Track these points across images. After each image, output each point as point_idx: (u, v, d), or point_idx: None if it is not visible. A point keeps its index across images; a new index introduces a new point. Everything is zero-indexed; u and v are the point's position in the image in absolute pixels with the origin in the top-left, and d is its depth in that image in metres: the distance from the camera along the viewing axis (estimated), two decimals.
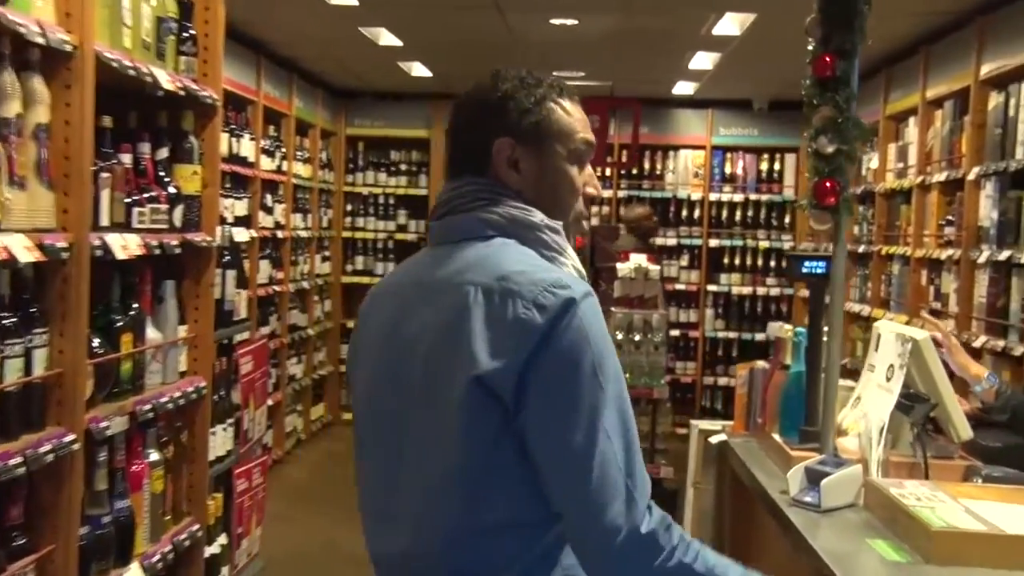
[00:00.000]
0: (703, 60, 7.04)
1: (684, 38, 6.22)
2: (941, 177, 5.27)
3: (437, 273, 1.48)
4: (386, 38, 6.35)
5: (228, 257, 3.16)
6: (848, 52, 2.48)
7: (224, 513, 3.18)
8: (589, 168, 1.61)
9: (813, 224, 2.55)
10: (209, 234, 2.92)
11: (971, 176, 4.84)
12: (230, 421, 3.19)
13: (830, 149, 2.44)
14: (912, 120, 5.92)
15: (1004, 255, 4.43)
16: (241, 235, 3.82)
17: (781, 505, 2.41)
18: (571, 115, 1.56)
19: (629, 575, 1.37)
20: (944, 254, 5.13)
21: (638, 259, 5.51)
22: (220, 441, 3.10)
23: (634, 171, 8.74)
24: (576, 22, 5.82)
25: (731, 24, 5.85)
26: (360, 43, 6.42)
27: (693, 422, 3.57)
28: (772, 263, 8.68)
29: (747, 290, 8.65)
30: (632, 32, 6.10)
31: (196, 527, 2.94)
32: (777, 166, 8.75)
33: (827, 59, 2.47)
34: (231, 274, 3.14)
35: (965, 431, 2.65)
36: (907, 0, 4.85)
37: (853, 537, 2.21)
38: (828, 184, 2.40)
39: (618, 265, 5.43)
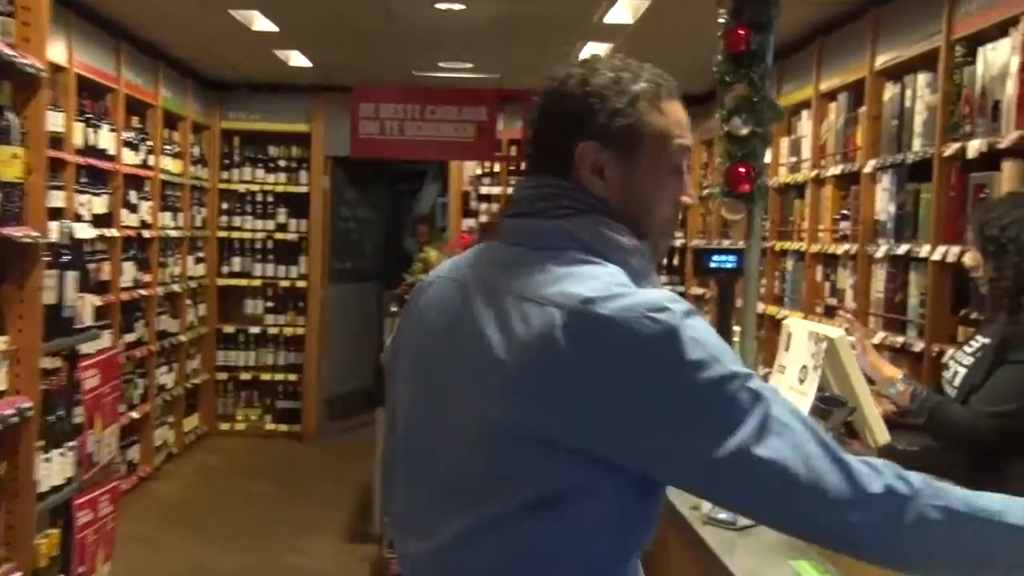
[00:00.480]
0: (593, 51, 6.89)
1: (575, 26, 6.03)
2: (836, 171, 5.20)
3: (514, 282, 1.31)
4: (260, 23, 5.96)
5: (68, 257, 2.77)
6: (763, 25, 2.29)
7: (62, 551, 2.78)
8: (686, 175, 1.41)
9: (726, 215, 2.35)
10: (36, 229, 2.51)
11: (867, 169, 4.76)
12: (70, 445, 2.79)
13: (744, 131, 2.24)
14: (805, 113, 5.85)
15: (902, 249, 4.35)
16: (84, 232, 3.41)
17: (693, 523, 2.27)
18: (668, 118, 1.38)
19: (888, 542, 1.24)
20: (840, 249, 5.06)
21: None
22: (56, 468, 2.70)
23: (523, 167, 8.50)
24: (463, 7, 5.56)
25: (624, 12, 5.68)
26: (231, 28, 6.02)
27: None
28: (664, 261, 8.59)
29: None
30: (521, 19, 5.88)
31: (18, 575, 2.51)
32: None
33: (740, 32, 2.28)
34: (71, 276, 2.75)
35: (883, 435, 2.52)
36: None
37: (773, 557, 2.07)
38: (742, 170, 2.19)
39: None
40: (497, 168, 8.52)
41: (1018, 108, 3.60)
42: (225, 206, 8.42)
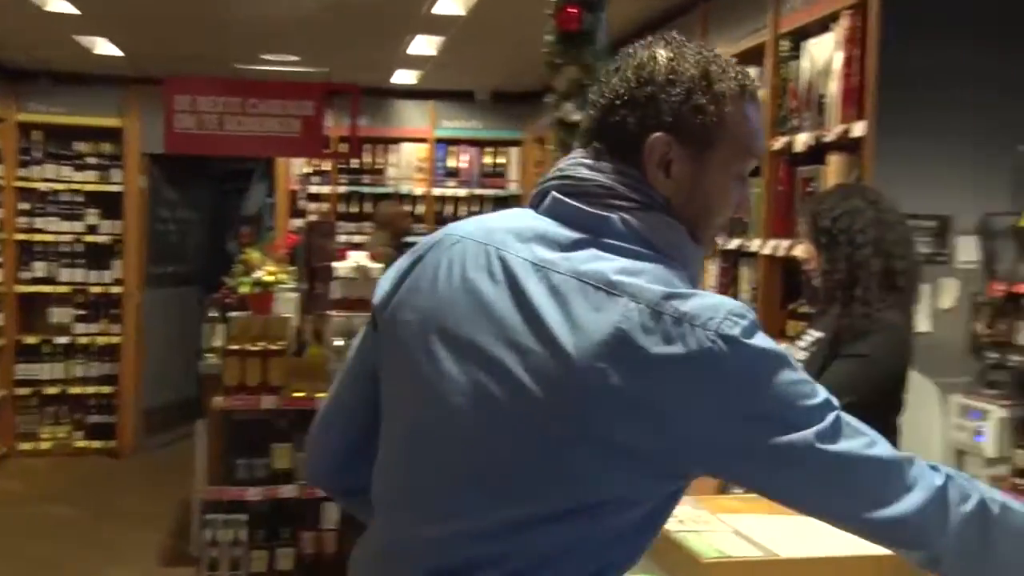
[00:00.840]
0: (424, 45, 6.70)
1: (405, 18, 5.82)
2: None
3: (578, 266, 1.23)
4: (55, 3, 5.45)
5: None
6: (594, 4, 2.14)
7: None
8: (748, 187, 1.36)
9: None
10: None
11: None
12: None
13: (576, 117, 2.09)
14: None
15: (733, 244, 4.35)
16: None
17: None
18: (749, 123, 1.31)
19: (944, 540, 1.25)
20: None
21: (357, 257, 5.05)
22: None
23: (353, 165, 8.25)
24: None
25: (454, 4, 5.52)
26: (21, 7, 5.48)
27: None
28: None
29: None
30: (349, 10, 5.63)
31: None
32: (501, 160, 8.59)
33: (571, 10, 2.13)
34: None
35: None
36: None
37: None
38: None
39: (335, 264, 4.94)
40: (327, 166, 8.21)
41: (842, 102, 3.63)
42: (26, 206, 7.77)
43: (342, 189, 8.30)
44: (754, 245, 4.17)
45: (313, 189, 8.23)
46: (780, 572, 1.84)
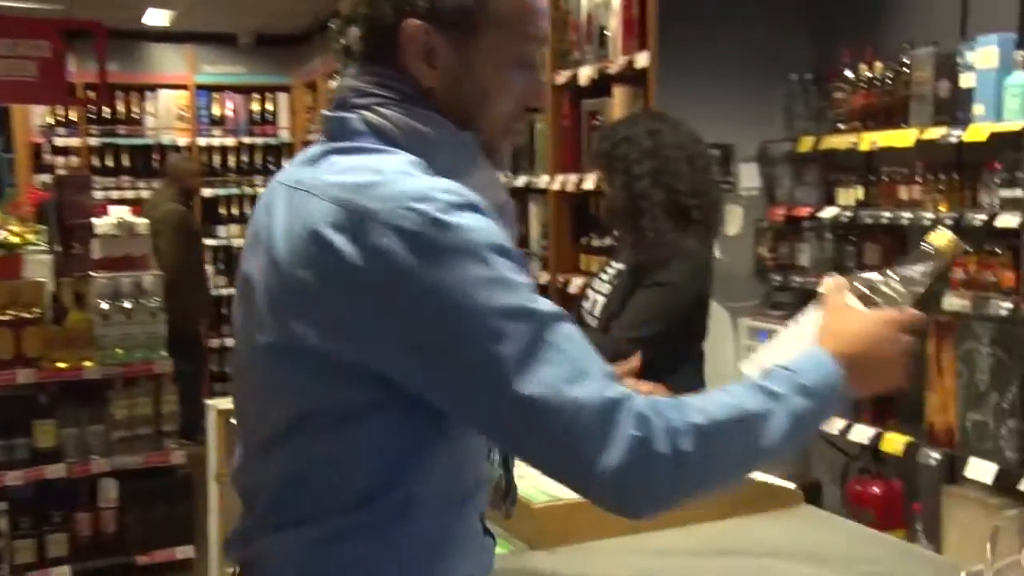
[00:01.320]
0: None
1: None
2: None
3: (305, 175, 1.17)
4: None
5: None
6: None
7: None
8: (537, 71, 1.24)
9: None
10: None
11: None
12: None
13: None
14: None
15: (521, 181, 4.29)
16: None
17: None
18: (523, 3, 1.19)
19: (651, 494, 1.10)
20: None
21: (120, 212, 4.62)
22: None
23: (106, 115, 7.61)
24: None
25: None
26: None
27: (209, 401, 2.90)
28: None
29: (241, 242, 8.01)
30: None
31: None
32: (270, 107, 8.18)
33: None
34: None
35: None
36: None
37: None
38: None
39: (95, 220, 4.50)
40: (74, 116, 7.53)
41: (624, 34, 3.61)
42: None
43: (94, 141, 7.65)
44: (542, 181, 4.12)
45: (60, 142, 7.53)
46: None
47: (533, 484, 1.77)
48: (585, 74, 3.79)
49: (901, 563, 1.68)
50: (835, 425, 3.21)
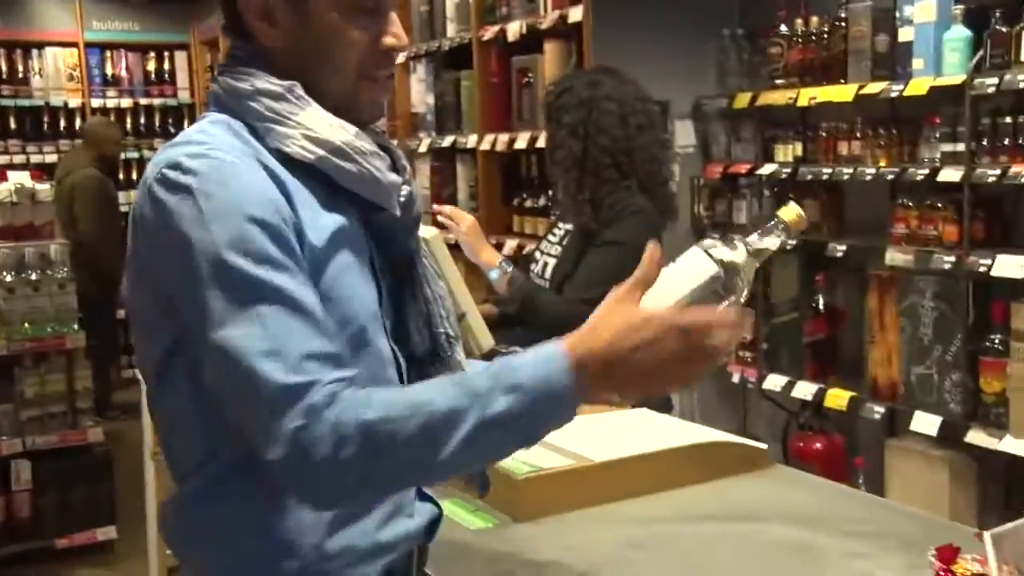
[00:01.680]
0: None
1: None
2: None
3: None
4: None
5: None
6: None
7: None
8: (392, 15, 1.26)
9: None
10: None
11: (399, 59, 4.51)
12: None
13: None
14: None
15: (447, 141, 4.18)
16: None
17: None
18: None
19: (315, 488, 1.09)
20: None
21: (19, 178, 4.36)
22: None
23: None
24: None
25: None
26: None
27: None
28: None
29: None
30: None
31: None
32: (167, 66, 7.84)
33: None
34: None
35: (487, 340, 2.27)
36: None
37: None
38: None
39: None
40: None
41: None
42: None
43: None
44: (470, 141, 4.02)
45: None
46: (597, 477, 1.74)
47: (515, 456, 1.71)
48: (513, 29, 3.70)
49: (888, 521, 1.67)
50: (776, 382, 3.24)
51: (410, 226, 1.31)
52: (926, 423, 2.75)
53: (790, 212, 1.34)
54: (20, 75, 7.36)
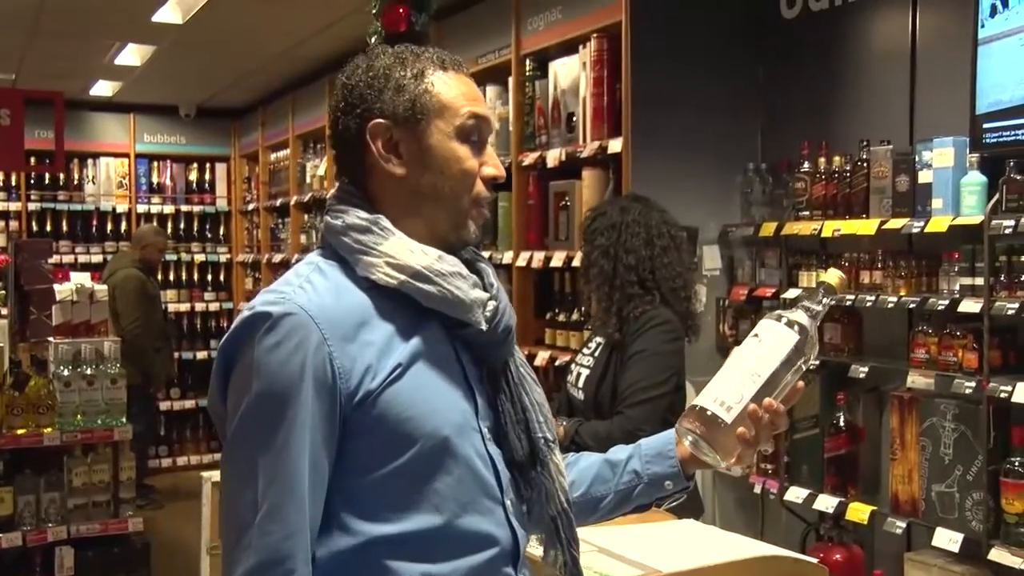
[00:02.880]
0: (131, 56, 6.05)
1: (117, 23, 5.19)
2: None
3: None
4: None
5: None
6: (424, 4, 1.92)
7: None
8: (489, 148, 1.36)
9: None
10: None
11: None
12: None
13: None
14: None
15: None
16: None
17: None
18: (453, 88, 1.33)
19: None
20: None
21: (80, 278, 4.41)
22: None
23: (47, 181, 7.31)
24: None
25: (171, 11, 4.99)
26: None
27: (205, 474, 2.73)
28: (209, 276, 7.90)
29: (184, 306, 7.74)
30: (54, 10, 4.92)
31: None
32: (208, 175, 7.99)
33: (401, 10, 1.89)
34: None
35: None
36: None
37: None
38: None
39: (56, 287, 4.27)
40: (15, 180, 7.21)
41: (593, 120, 3.63)
42: None
43: (34, 206, 7.33)
44: (506, 257, 4.08)
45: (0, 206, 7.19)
46: None
47: (587, 566, 1.69)
48: (553, 156, 3.80)
49: None
50: (797, 494, 3.22)
51: (499, 339, 1.34)
52: (947, 539, 2.73)
53: (832, 276, 1.40)
54: (75, 182, 7.51)
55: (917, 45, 3.17)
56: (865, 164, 3.08)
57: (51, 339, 4.13)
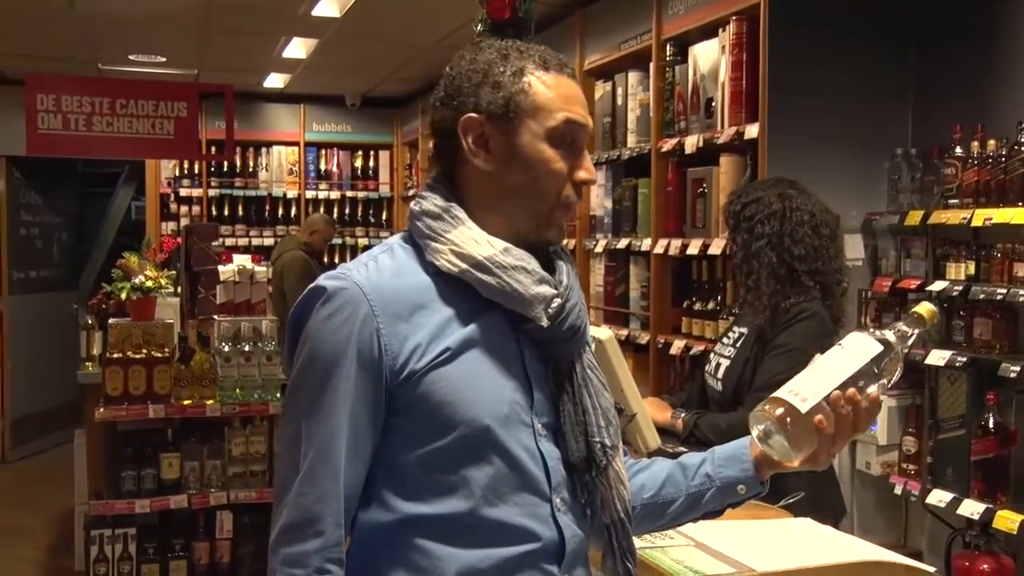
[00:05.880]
0: (297, 49, 6.29)
1: (280, 19, 5.41)
2: None
3: None
4: None
5: None
6: None
7: None
8: (585, 152, 1.34)
9: None
10: None
11: None
12: None
13: None
14: None
15: (622, 243, 4.18)
16: None
17: None
18: (552, 90, 1.31)
19: None
20: None
21: (242, 260, 4.64)
22: None
23: (225, 168, 7.73)
24: None
25: (330, 6, 5.15)
26: None
27: None
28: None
29: None
30: (221, 10, 5.17)
31: None
32: (372, 163, 8.23)
33: None
34: None
35: (654, 439, 2.22)
36: None
37: None
38: None
39: (220, 268, 4.51)
40: (197, 168, 7.66)
41: (731, 105, 3.50)
42: None
43: (213, 192, 7.78)
44: (644, 244, 4.01)
45: (184, 192, 7.67)
46: None
47: (673, 557, 1.64)
48: (691, 142, 3.69)
49: None
50: (940, 497, 3.01)
51: (563, 337, 1.30)
52: None
53: (925, 307, 1.41)
54: (250, 169, 7.90)
55: None
56: (1022, 148, 2.83)
57: (215, 317, 4.38)
